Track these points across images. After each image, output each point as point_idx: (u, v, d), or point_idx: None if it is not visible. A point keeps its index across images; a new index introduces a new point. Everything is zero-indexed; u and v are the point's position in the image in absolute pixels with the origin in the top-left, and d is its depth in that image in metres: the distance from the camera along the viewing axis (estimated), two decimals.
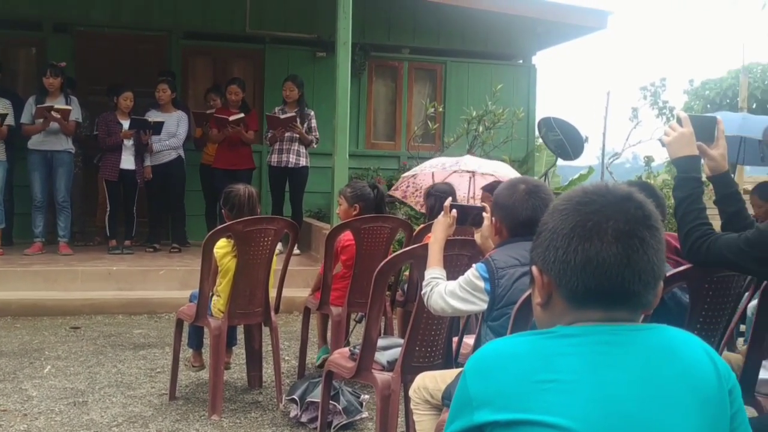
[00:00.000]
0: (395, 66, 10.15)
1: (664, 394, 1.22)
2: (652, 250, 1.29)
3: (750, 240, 2.20)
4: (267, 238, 4.10)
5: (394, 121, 10.17)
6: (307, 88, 8.55)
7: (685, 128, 2.42)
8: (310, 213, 9.08)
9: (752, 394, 2.70)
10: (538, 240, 1.35)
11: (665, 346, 1.27)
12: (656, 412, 1.20)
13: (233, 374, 4.71)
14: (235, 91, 7.96)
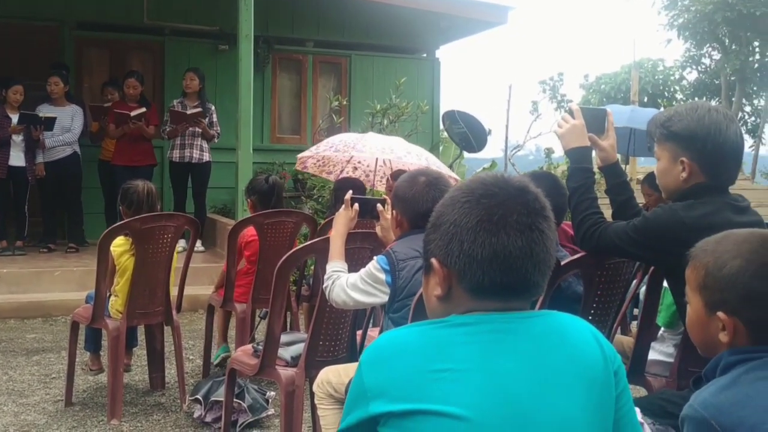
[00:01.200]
0: (299, 59, 10.06)
1: (554, 378, 1.25)
2: (549, 241, 1.32)
3: (637, 227, 2.29)
4: (166, 236, 3.98)
5: (299, 114, 10.10)
6: (209, 82, 8.37)
7: (577, 120, 2.49)
8: (214, 209, 8.90)
9: (642, 375, 2.82)
10: (437, 233, 1.34)
11: (555, 332, 1.31)
12: (546, 396, 1.23)
13: (134, 376, 4.56)
14: (133, 84, 7.69)
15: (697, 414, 1.42)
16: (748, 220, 2.26)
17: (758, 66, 18.60)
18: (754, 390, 1.42)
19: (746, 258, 1.49)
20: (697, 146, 2.22)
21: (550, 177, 3.00)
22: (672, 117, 2.28)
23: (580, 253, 2.55)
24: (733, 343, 1.51)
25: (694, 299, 1.59)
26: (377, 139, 5.53)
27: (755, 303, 1.48)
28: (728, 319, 1.50)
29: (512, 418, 1.20)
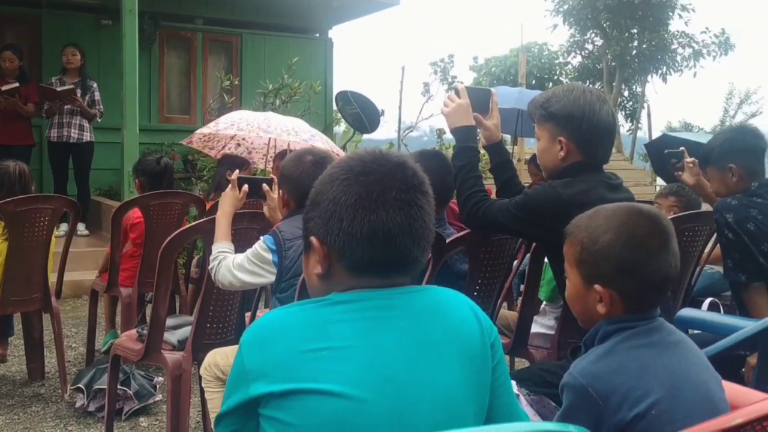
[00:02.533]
0: (188, 37, 9.76)
1: (432, 352, 1.26)
2: (428, 216, 1.33)
3: (519, 204, 2.36)
4: (43, 219, 3.78)
5: (189, 94, 9.81)
6: (92, 58, 7.99)
7: (462, 100, 2.53)
8: (99, 191, 8.55)
9: (525, 347, 2.92)
10: (317, 210, 1.32)
11: (433, 306, 1.32)
12: (425, 370, 1.24)
13: (11, 367, 4.33)
14: (9, 57, 7.18)
15: (575, 382, 1.48)
16: (620, 196, 2.36)
17: (636, 53, 19.49)
18: (628, 358, 1.48)
19: (616, 231, 1.55)
20: (574, 126, 2.30)
21: (438, 156, 3.04)
22: (550, 98, 2.36)
23: (466, 231, 2.60)
24: (610, 314, 1.56)
25: (572, 274, 1.64)
26: (281, 119, 5.45)
27: (628, 273, 1.54)
28: (605, 291, 1.55)
29: (392, 393, 1.21)
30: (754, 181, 2.95)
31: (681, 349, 1.54)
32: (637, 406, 1.41)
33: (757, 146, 3.02)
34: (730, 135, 3.12)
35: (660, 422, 1.39)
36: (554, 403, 2.03)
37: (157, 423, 3.59)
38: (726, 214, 2.83)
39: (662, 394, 1.42)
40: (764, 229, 2.79)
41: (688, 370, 1.49)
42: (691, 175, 3.37)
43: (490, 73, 22.87)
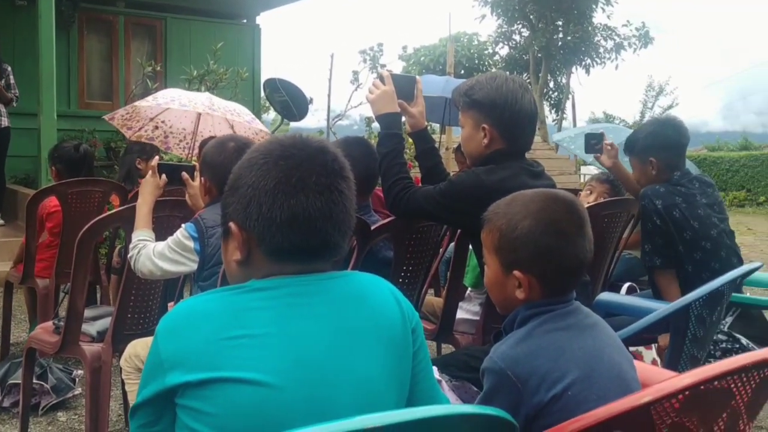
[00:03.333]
0: (110, 20, 9.46)
1: (353, 339, 1.26)
2: (348, 201, 1.32)
3: (443, 191, 2.37)
4: None
5: (111, 79, 9.52)
6: (6, 40, 7.67)
7: (387, 87, 2.53)
8: (15, 179, 8.22)
9: (451, 333, 2.95)
10: (235, 196, 1.30)
11: (354, 292, 1.31)
12: (345, 357, 1.24)
13: None
14: None
15: (495, 366, 1.50)
16: (542, 183, 2.41)
17: (561, 44, 19.92)
18: (546, 341, 1.51)
19: (535, 217, 1.57)
20: (497, 113, 2.33)
21: (362, 143, 3.03)
22: (474, 86, 2.38)
23: (391, 218, 2.61)
24: (528, 299, 1.58)
25: (491, 261, 1.65)
26: (223, 101, 5.34)
27: (546, 259, 1.56)
28: (524, 276, 1.57)
29: (311, 381, 1.20)
30: (676, 171, 3.05)
31: (596, 331, 1.57)
32: (554, 387, 1.44)
33: (678, 142, 3.12)
34: (652, 129, 3.22)
35: (575, 402, 1.43)
36: (476, 388, 2.06)
37: (77, 417, 3.49)
38: (656, 201, 2.93)
39: (578, 375, 1.45)
40: (687, 217, 2.91)
41: (603, 351, 1.53)
42: (609, 157, 3.46)
43: (419, 63, 22.99)
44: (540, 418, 1.44)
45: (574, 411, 1.38)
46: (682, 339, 2.21)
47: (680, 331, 2.20)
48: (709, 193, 3.04)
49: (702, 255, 2.89)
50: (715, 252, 2.90)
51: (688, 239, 2.89)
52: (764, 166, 18.57)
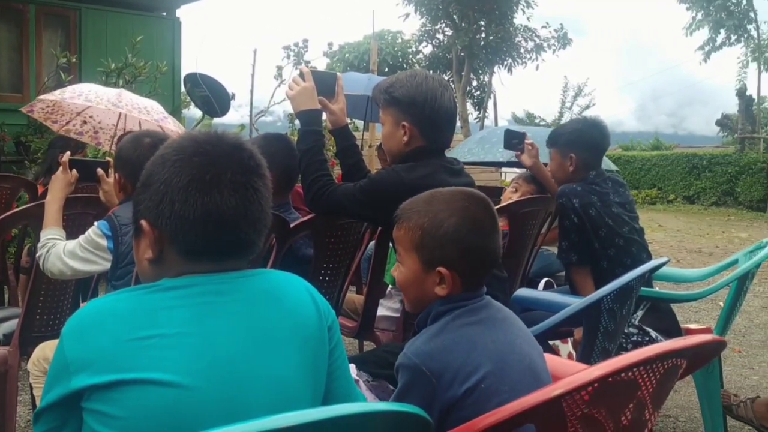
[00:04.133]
0: (20, 9, 9.07)
1: (268, 337, 1.24)
2: (264, 199, 1.30)
3: (363, 188, 2.37)
4: None
5: (21, 71, 9.13)
6: None
7: (307, 83, 2.51)
8: None
9: (372, 330, 2.96)
10: (147, 193, 1.27)
11: (269, 291, 1.30)
12: (260, 356, 1.22)
13: None
14: None
15: (409, 361, 1.51)
16: (461, 181, 2.45)
17: (484, 44, 20.23)
18: (459, 335, 1.54)
19: (460, 215, 1.60)
20: (417, 111, 2.35)
21: (282, 139, 3.00)
22: (393, 84, 2.39)
23: (311, 215, 2.59)
24: (449, 295, 1.61)
25: (408, 259, 1.66)
26: (134, 97, 5.17)
27: (472, 256, 1.60)
28: (449, 273, 1.59)
29: (225, 381, 1.18)
30: (591, 170, 3.14)
31: (507, 324, 1.61)
32: (467, 381, 1.46)
33: (599, 144, 3.21)
34: (579, 126, 3.30)
35: (488, 394, 1.46)
36: (393, 387, 2.06)
37: None
38: (573, 199, 3.00)
39: (490, 368, 1.48)
40: (603, 215, 3.00)
41: (514, 342, 1.57)
42: (530, 156, 3.53)
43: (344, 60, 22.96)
44: (454, 411, 1.46)
45: (487, 403, 1.42)
46: (594, 333, 2.28)
47: (593, 325, 2.26)
48: (621, 193, 3.15)
49: (615, 251, 2.99)
50: (626, 249, 3.01)
51: (603, 236, 2.98)
52: (674, 166, 19.33)
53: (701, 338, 1.36)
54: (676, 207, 18.62)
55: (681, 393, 3.93)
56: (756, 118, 19.58)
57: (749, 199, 17.57)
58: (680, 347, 1.33)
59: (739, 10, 20.19)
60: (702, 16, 20.70)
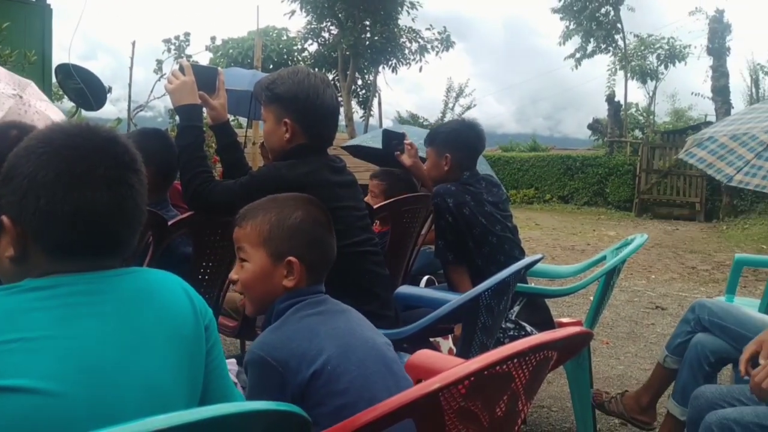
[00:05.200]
0: None
1: (142, 338, 1.20)
2: (139, 196, 1.25)
3: (244, 185, 2.34)
4: None
5: None
6: None
7: (187, 77, 2.45)
8: None
9: (253, 329, 2.92)
10: (9, 186, 1.19)
11: (143, 290, 1.26)
12: (131, 358, 1.18)
13: None
14: None
15: (254, 355, 1.57)
16: (344, 179, 2.46)
17: (369, 43, 20.37)
18: (300, 325, 1.63)
19: (305, 210, 1.76)
20: (299, 108, 2.33)
21: (160, 134, 2.91)
22: (275, 80, 2.37)
23: (189, 213, 2.53)
24: (295, 287, 1.71)
25: (256, 254, 1.74)
26: None
27: (317, 247, 1.75)
28: (298, 263, 1.71)
29: (94, 384, 1.12)
30: (466, 171, 3.22)
31: (347, 315, 1.73)
32: (313, 364, 1.53)
33: (474, 146, 3.29)
34: (456, 127, 3.38)
35: (337, 374, 1.54)
36: None
37: None
38: (448, 199, 3.06)
39: (334, 351, 1.57)
40: (476, 214, 3.07)
41: (355, 329, 1.67)
42: (409, 156, 3.58)
43: (227, 55, 22.54)
44: (308, 396, 1.52)
45: (338, 383, 1.52)
46: (472, 328, 2.34)
47: (471, 320, 2.33)
48: (494, 192, 3.25)
49: (489, 249, 3.08)
50: (500, 246, 3.10)
51: (477, 235, 3.06)
52: (550, 167, 20.16)
53: (569, 330, 1.42)
54: (552, 206, 19.44)
55: (554, 384, 4.11)
56: (624, 123, 20.74)
57: (617, 199, 18.59)
58: (550, 340, 1.39)
59: (608, 21, 21.34)
60: (574, 26, 21.73)
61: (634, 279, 8.30)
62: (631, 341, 5.38)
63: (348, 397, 1.52)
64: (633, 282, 8.08)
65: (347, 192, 2.44)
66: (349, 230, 2.38)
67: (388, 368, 1.63)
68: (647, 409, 3.16)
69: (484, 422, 1.38)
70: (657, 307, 6.71)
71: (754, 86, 18.99)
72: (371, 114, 22.36)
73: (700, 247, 11.82)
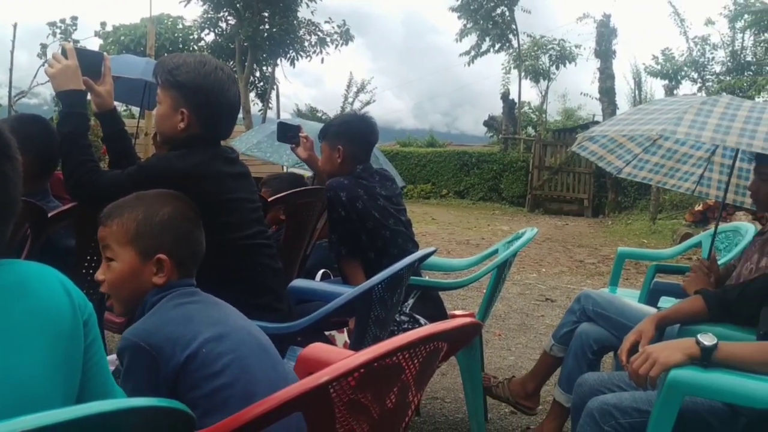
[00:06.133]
0: None
1: (12, 334, 1.13)
2: (12, 184, 1.18)
3: (132, 175, 2.25)
4: None
5: None
6: None
7: (70, 61, 2.33)
8: None
9: None
10: None
11: (14, 283, 1.18)
12: (2, 355, 1.11)
13: None
14: None
15: (127, 342, 1.56)
16: (237, 171, 2.41)
17: (267, 35, 20.11)
18: (174, 312, 1.65)
19: (173, 206, 1.78)
20: (200, 101, 2.27)
21: (39, 121, 2.76)
22: (180, 66, 2.29)
23: (72, 204, 2.42)
24: (166, 283, 1.72)
25: (123, 253, 1.73)
26: None
27: (186, 242, 1.77)
28: (168, 260, 1.71)
29: None
30: (359, 164, 3.22)
31: (220, 306, 1.74)
32: (188, 348, 1.54)
33: (366, 138, 3.29)
34: (348, 119, 3.38)
35: (211, 357, 1.55)
36: None
37: None
38: (340, 192, 3.05)
39: (210, 335, 1.58)
40: (369, 208, 3.08)
41: (228, 317, 1.69)
42: (305, 149, 3.56)
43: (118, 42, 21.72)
44: (182, 380, 1.53)
45: (213, 365, 1.54)
46: (365, 321, 2.34)
47: (364, 313, 2.33)
48: (388, 186, 3.26)
49: (382, 243, 3.09)
50: (393, 240, 3.12)
51: (370, 228, 3.07)
52: (447, 162, 20.53)
53: (458, 322, 1.44)
54: (448, 201, 19.81)
55: (448, 376, 4.19)
56: (517, 121, 21.37)
57: (511, 194, 19.16)
58: (440, 331, 1.41)
59: (503, 21, 21.93)
60: (471, 24, 22.20)
61: (526, 272, 8.58)
62: (522, 332, 5.55)
63: (224, 378, 1.54)
64: (525, 275, 8.35)
65: (240, 183, 2.39)
66: (242, 222, 2.33)
67: (264, 350, 1.67)
68: (532, 395, 3.27)
69: (374, 414, 1.38)
70: (547, 299, 6.96)
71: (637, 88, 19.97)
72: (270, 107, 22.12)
73: (588, 241, 12.34)
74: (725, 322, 2.40)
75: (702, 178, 3.73)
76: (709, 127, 2.50)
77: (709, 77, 18.42)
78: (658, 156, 3.70)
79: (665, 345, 2.02)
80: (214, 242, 1.95)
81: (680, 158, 3.71)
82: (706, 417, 2.10)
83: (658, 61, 18.82)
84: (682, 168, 3.75)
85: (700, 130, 2.50)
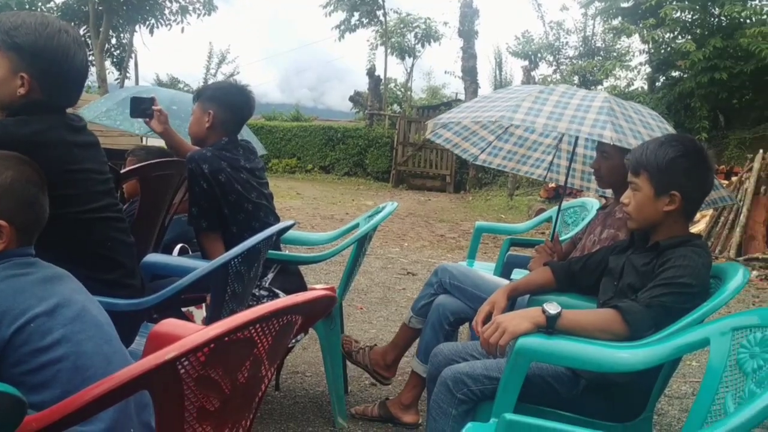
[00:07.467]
0: None
1: None
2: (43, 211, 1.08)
3: None
4: None
5: None
6: None
7: None
8: None
9: None
10: None
11: None
12: None
13: None
14: None
15: None
16: (83, 139, 2.27)
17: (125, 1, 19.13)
18: (6, 284, 1.57)
19: (17, 169, 1.69)
20: (42, 66, 2.11)
21: None
22: (19, 27, 2.10)
23: None
24: (6, 250, 1.64)
25: None
26: None
27: (29, 208, 1.69)
28: (7, 225, 1.63)
29: None
30: (226, 135, 3.11)
31: (58, 278, 1.67)
32: (15, 322, 1.49)
33: (241, 109, 3.15)
34: (226, 86, 3.27)
35: (40, 332, 1.51)
36: None
37: None
38: (202, 165, 2.93)
39: (41, 310, 1.53)
40: (232, 181, 2.99)
41: (64, 292, 1.63)
42: (159, 122, 3.39)
43: None
44: (8, 355, 1.48)
45: (41, 341, 1.51)
46: (222, 295, 2.30)
47: (220, 288, 2.28)
48: (251, 159, 3.18)
49: (244, 216, 3.02)
50: (255, 213, 3.06)
51: (232, 202, 2.98)
52: (312, 137, 20.45)
53: (311, 294, 1.43)
54: (314, 176, 19.78)
55: (309, 350, 4.20)
56: (383, 97, 21.58)
57: (375, 170, 19.38)
58: (293, 304, 1.40)
59: None
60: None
61: (389, 247, 8.72)
62: (383, 306, 5.65)
63: (52, 353, 1.50)
64: (388, 249, 8.49)
65: (87, 153, 2.25)
66: (89, 195, 2.21)
67: (98, 326, 1.62)
68: (391, 365, 3.34)
69: (225, 389, 1.36)
70: (408, 273, 7.11)
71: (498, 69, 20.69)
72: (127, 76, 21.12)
73: (449, 216, 12.72)
74: (571, 291, 2.54)
75: (552, 165, 3.91)
76: (543, 114, 2.66)
77: (563, 60, 19.36)
78: (510, 143, 3.85)
79: (514, 314, 2.10)
80: (53, 216, 1.84)
81: (531, 145, 3.88)
82: (550, 381, 2.22)
83: (520, 42, 19.57)
84: (533, 155, 3.91)
85: (535, 116, 2.65)
